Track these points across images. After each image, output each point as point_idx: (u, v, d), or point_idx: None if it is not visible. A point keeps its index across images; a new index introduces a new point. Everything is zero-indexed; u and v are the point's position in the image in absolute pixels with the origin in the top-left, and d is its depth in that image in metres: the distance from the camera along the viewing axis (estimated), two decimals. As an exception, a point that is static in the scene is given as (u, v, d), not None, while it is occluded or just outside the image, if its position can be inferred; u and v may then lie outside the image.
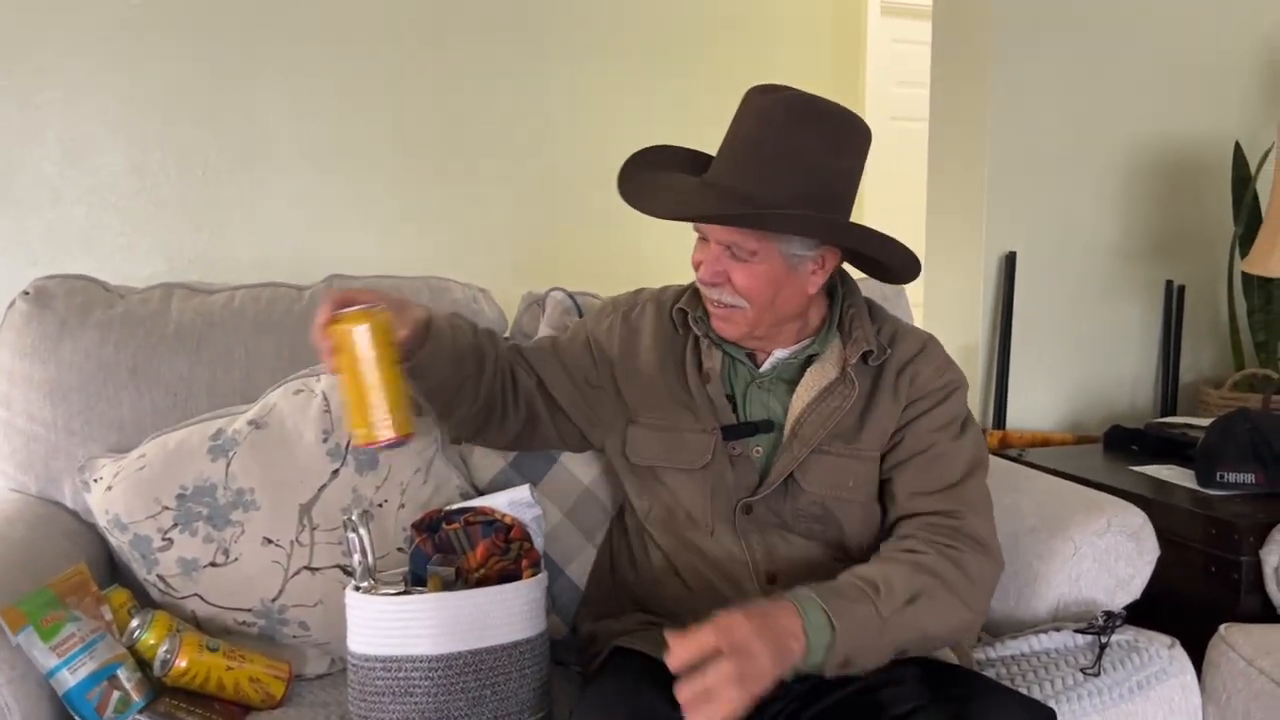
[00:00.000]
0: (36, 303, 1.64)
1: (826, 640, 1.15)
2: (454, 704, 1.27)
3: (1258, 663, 1.53)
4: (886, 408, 1.41)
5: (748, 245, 1.33)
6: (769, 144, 1.31)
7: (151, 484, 1.49)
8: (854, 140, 1.35)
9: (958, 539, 1.33)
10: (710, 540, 1.42)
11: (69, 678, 1.28)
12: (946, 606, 1.27)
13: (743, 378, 1.45)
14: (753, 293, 1.35)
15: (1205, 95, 2.64)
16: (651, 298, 1.55)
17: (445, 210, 3.04)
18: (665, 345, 1.48)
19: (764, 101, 1.33)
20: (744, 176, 1.32)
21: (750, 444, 1.43)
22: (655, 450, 1.46)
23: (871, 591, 1.21)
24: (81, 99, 2.69)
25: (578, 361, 1.52)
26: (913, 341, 1.47)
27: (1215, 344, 2.75)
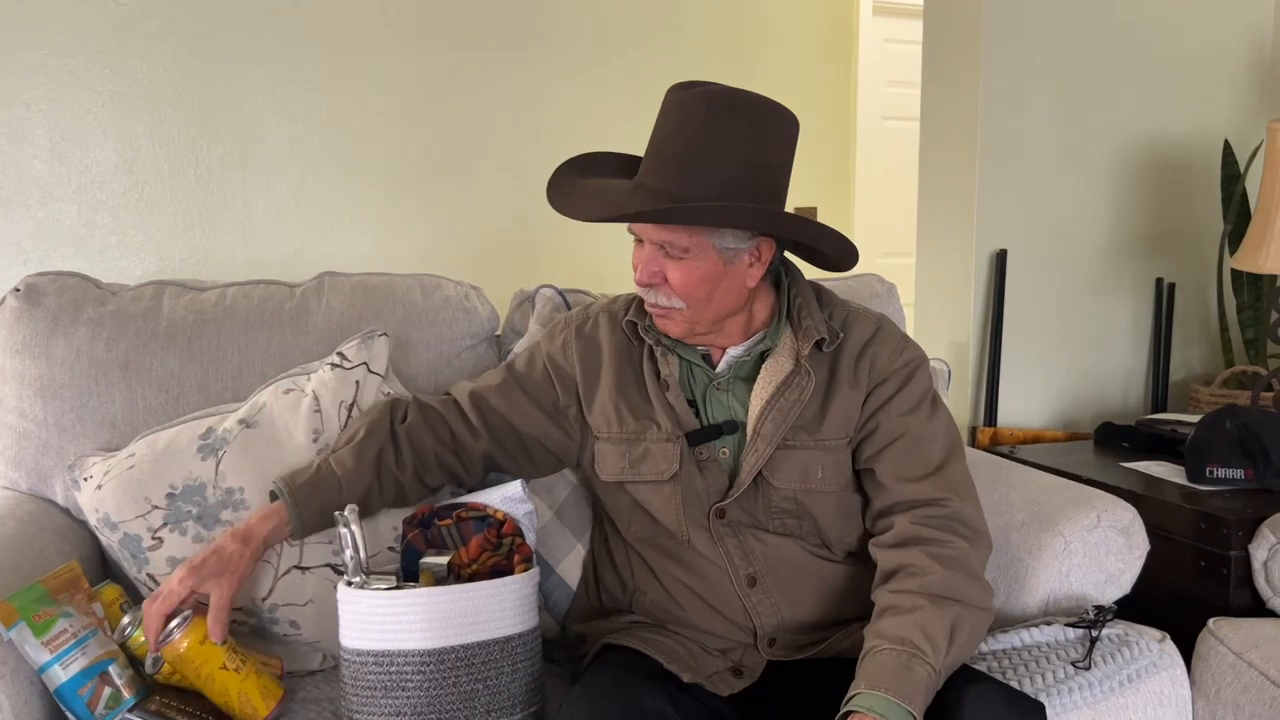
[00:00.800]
0: (27, 300, 1.63)
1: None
2: (446, 698, 1.27)
3: (1246, 656, 1.53)
4: (846, 394, 1.41)
5: (680, 242, 1.32)
6: (690, 140, 1.30)
7: (141, 483, 1.48)
8: (780, 132, 1.33)
9: (952, 528, 1.33)
10: (687, 549, 1.42)
11: (60, 673, 1.27)
12: (975, 622, 1.29)
13: (700, 381, 1.44)
14: (689, 291, 1.34)
15: (1194, 93, 2.65)
16: (603, 309, 1.53)
17: (438, 208, 3.04)
18: (622, 358, 1.47)
19: (683, 98, 1.31)
20: (668, 175, 1.31)
21: (716, 447, 1.42)
22: (621, 465, 1.45)
23: (919, 653, 1.20)
24: (70, 97, 2.68)
25: (540, 388, 1.51)
26: (866, 324, 1.46)
27: (1205, 341, 2.76)
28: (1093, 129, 2.60)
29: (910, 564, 1.30)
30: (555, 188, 1.39)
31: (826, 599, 1.42)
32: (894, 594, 1.29)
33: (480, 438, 1.50)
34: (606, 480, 1.47)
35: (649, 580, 1.46)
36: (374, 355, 1.58)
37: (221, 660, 1.33)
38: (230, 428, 1.52)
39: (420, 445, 1.48)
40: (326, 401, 1.53)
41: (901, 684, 1.17)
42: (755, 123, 1.31)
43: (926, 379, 1.45)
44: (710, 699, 1.33)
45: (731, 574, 1.40)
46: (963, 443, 1.46)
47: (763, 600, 1.40)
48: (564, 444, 1.52)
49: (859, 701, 1.17)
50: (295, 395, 1.55)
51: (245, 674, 1.35)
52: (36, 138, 2.67)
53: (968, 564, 1.32)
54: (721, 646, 1.41)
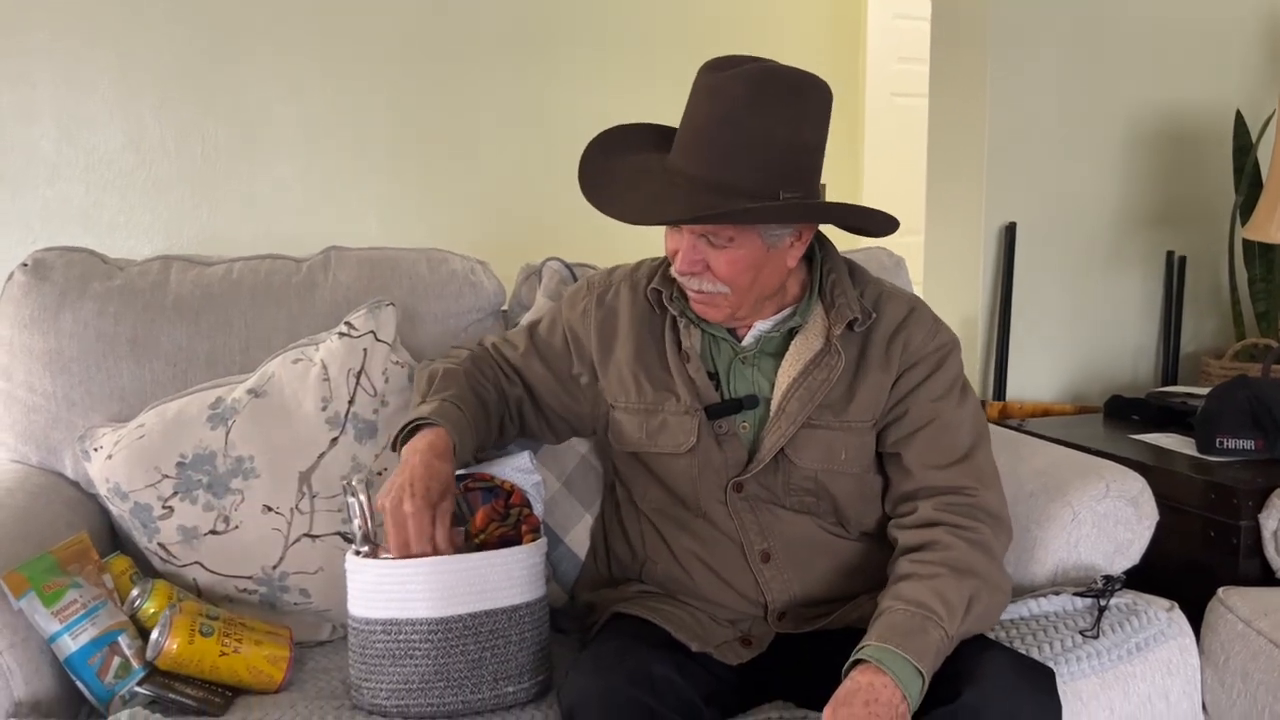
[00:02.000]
0: (35, 274, 1.64)
1: (919, 687, 1.16)
2: (453, 666, 1.27)
3: (1256, 624, 1.53)
4: (876, 376, 1.39)
5: (725, 233, 1.30)
6: (733, 126, 1.26)
7: (151, 452, 1.49)
8: (817, 107, 1.31)
9: (975, 515, 1.33)
10: (702, 521, 1.42)
11: (70, 643, 1.28)
12: (992, 599, 1.29)
13: (725, 354, 1.43)
14: (734, 277, 1.32)
15: (1206, 63, 2.63)
16: (625, 277, 1.51)
17: (444, 184, 3.04)
18: (643, 326, 1.46)
19: (721, 80, 1.27)
20: (710, 164, 1.27)
21: (736, 421, 1.40)
22: (638, 435, 1.44)
23: (934, 616, 1.20)
24: (77, 76, 2.68)
25: (558, 355, 1.51)
26: (899, 305, 1.44)
27: (1216, 314, 2.74)
28: (1102, 101, 2.57)
29: (935, 540, 1.30)
30: (589, 178, 1.35)
31: (839, 575, 1.42)
32: (914, 564, 1.29)
33: (515, 385, 1.51)
34: (623, 450, 1.47)
35: (660, 550, 1.45)
36: (381, 324, 1.58)
37: (217, 649, 1.34)
38: (239, 397, 1.53)
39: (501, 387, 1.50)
40: (334, 370, 1.53)
41: (913, 642, 1.17)
42: (794, 102, 1.28)
43: (958, 365, 1.44)
44: (718, 668, 1.33)
45: (746, 548, 1.40)
46: (988, 431, 1.45)
47: (776, 576, 1.40)
48: (576, 411, 1.52)
49: (868, 652, 1.17)
50: (304, 365, 1.55)
51: (245, 651, 1.36)
52: (44, 117, 2.67)
53: (989, 547, 1.32)
54: (730, 618, 1.41)
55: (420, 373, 1.50)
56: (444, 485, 1.30)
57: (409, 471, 1.28)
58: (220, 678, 1.34)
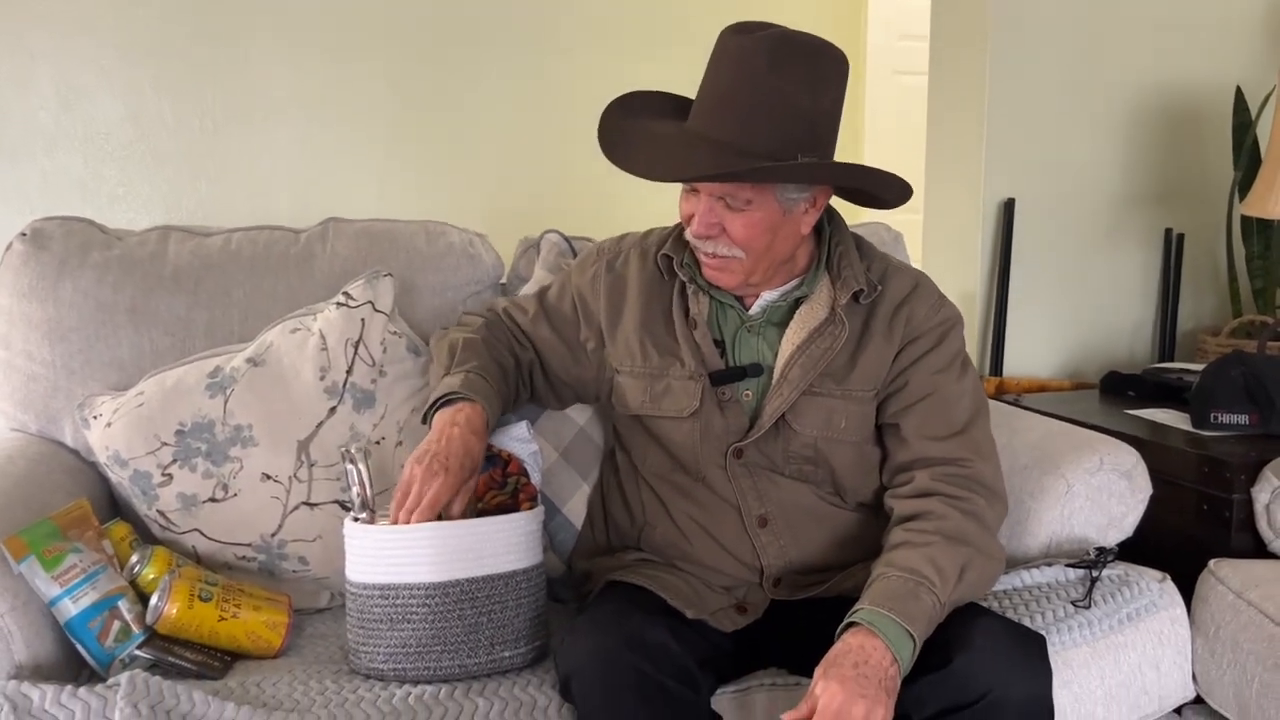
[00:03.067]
0: (34, 243, 1.64)
1: (909, 652, 1.17)
2: (450, 631, 1.28)
3: (1246, 595, 1.54)
4: (879, 347, 1.41)
5: (743, 195, 1.31)
6: (752, 90, 1.28)
7: (150, 420, 1.50)
8: (835, 74, 1.33)
9: (970, 486, 1.34)
10: (701, 486, 1.43)
11: (71, 607, 1.30)
12: (984, 568, 1.31)
13: (732, 322, 1.44)
14: (750, 241, 1.34)
15: (1206, 40, 2.62)
16: (635, 244, 1.53)
17: (443, 157, 3.03)
18: (652, 292, 1.47)
19: (742, 44, 1.29)
20: (731, 127, 1.29)
21: (739, 388, 1.42)
22: (642, 399, 1.45)
23: (926, 581, 1.22)
24: (75, 46, 2.67)
25: (567, 321, 1.52)
26: (905, 279, 1.46)
27: (1214, 292, 2.75)
28: (1103, 77, 2.57)
29: (929, 510, 1.32)
30: (608, 138, 1.37)
31: (835, 544, 1.43)
32: (908, 532, 1.30)
33: (526, 349, 1.53)
34: (626, 413, 1.48)
35: (660, 515, 1.47)
36: (379, 294, 1.59)
37: (216, 614, 1.35)
38: (238, 366, 1.53)
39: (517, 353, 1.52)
40: (333, 339, 1.54)
41: (905, 606, 1.19)
42: (813, 67, 1.30)
43: (960, 340, 1.45)
44: (714, 635, 1.35)
45: (744, 513, 1.41)
46: (988, 406, 1.46)
47: (772, 541, 1.41)
48: (582, 377, 1.53)
49: (860, 615, 1.19)
50: (302, 334, 1.56)
51: (244, 616, 1.37)
52: (42, 87, 2.66)
53: (984, 518, 1.33)
54: (726, 584, 1.42)
55: (438, 343, 1.52)
56: (475, 463, 1.34)
57: (447, 443, 1.31)
58: (219, 643, 1.36)
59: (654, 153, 1.34)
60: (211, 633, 1.35)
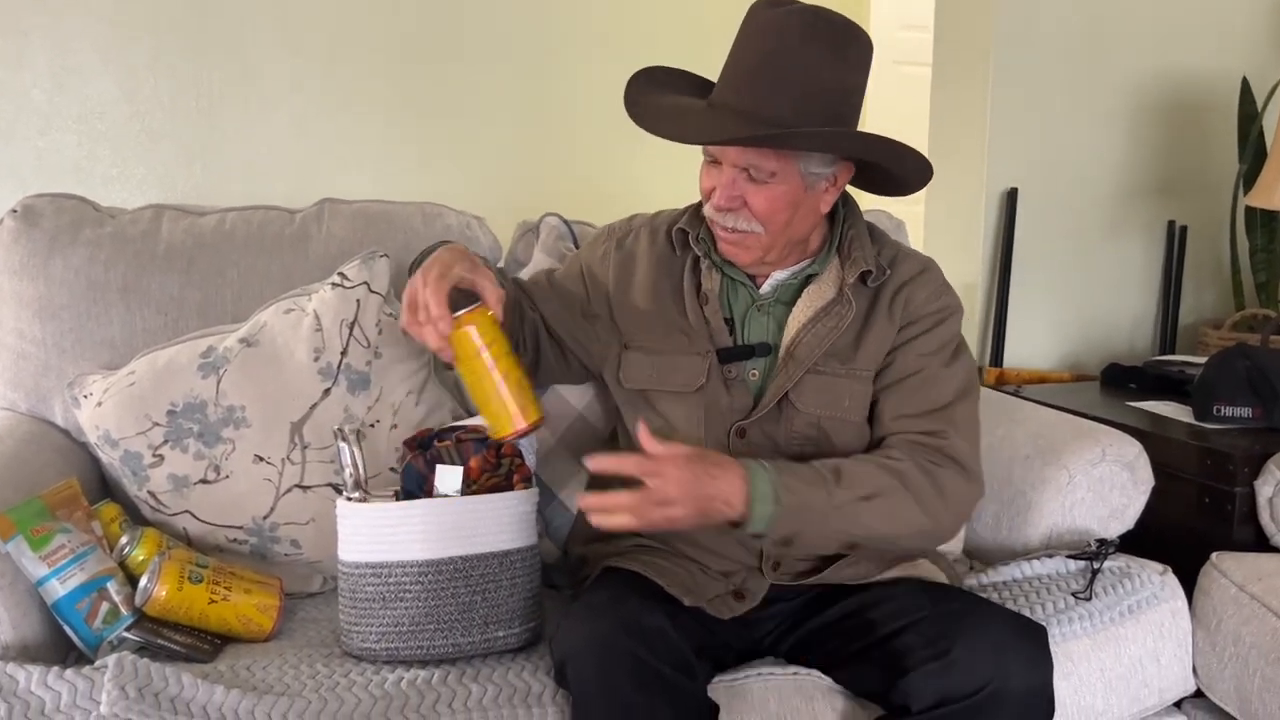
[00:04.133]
0: (25, 220, 1.62)
1: (769, 512, 1.20)
2: (443, 609, 1.27)
3: (1249, 588, 1.53)
4: (883, 327, 1.40)
5: (767, 166, 1.30)
6: (780, 62, 1.28)
7: (142, 400, 1.48)
8: (860, 53, 1.33)
9: (939, 457, 1.33)
10: None
11: (59, 587, 1.28)
12: (902, 510, 1.28)
13: (743, 300, 1.43)
14: (771, 215, 1.33)
15: (1212, 30, 2.60)
16: (645, 223, 1.52)
17: (441, 139, 3.01)
18: (662, 269, 1.46)
19: (774, 16, 1.30)
20: (756, 96, 1.29)
21: (746, 367, 1.41)
22: (648, 374, 1.44)
23: (830, 478, 1.24)
24: (69, 24, 2.64)
25: (575, 293, 1.50)
26: (913, 264, 1.45)
27: (1217, 285, 2.73)
28: (1107, 66, 2.55)
29: (889, 455, 1.33)
30: (636, 105, 1.36)
31: None
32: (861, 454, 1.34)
33: (535, 312, 1.49)
34: (631, 388, 1.46)
35: None
36: (375, 275, 1.57)
37: (206, 597, 1.33)
38: (231, 346, 1.51)
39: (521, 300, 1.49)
40: (327, 320, 1.52)
41: (792, 481, 1.23)
42: (840, 45, 1.30)
43: (955, 329, 1.44)
44: (711, 622, 1.33)
45: None
46: (978, 393, 1.44)
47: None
48: (590, 350, 1.50)
49: (748, 461, 1.23)
50: (296, 314, 1.54)
51: (235, 599, 1.36)
52: (36, 65, 2.64)
53: (941, 483, 1.31)
54: (725, 569, 1.40)
55: None
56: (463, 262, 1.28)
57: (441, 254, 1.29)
58: (209, 625, 1.34)
59: (682, 119, 1.33)
60: (201, 615, 1.33)
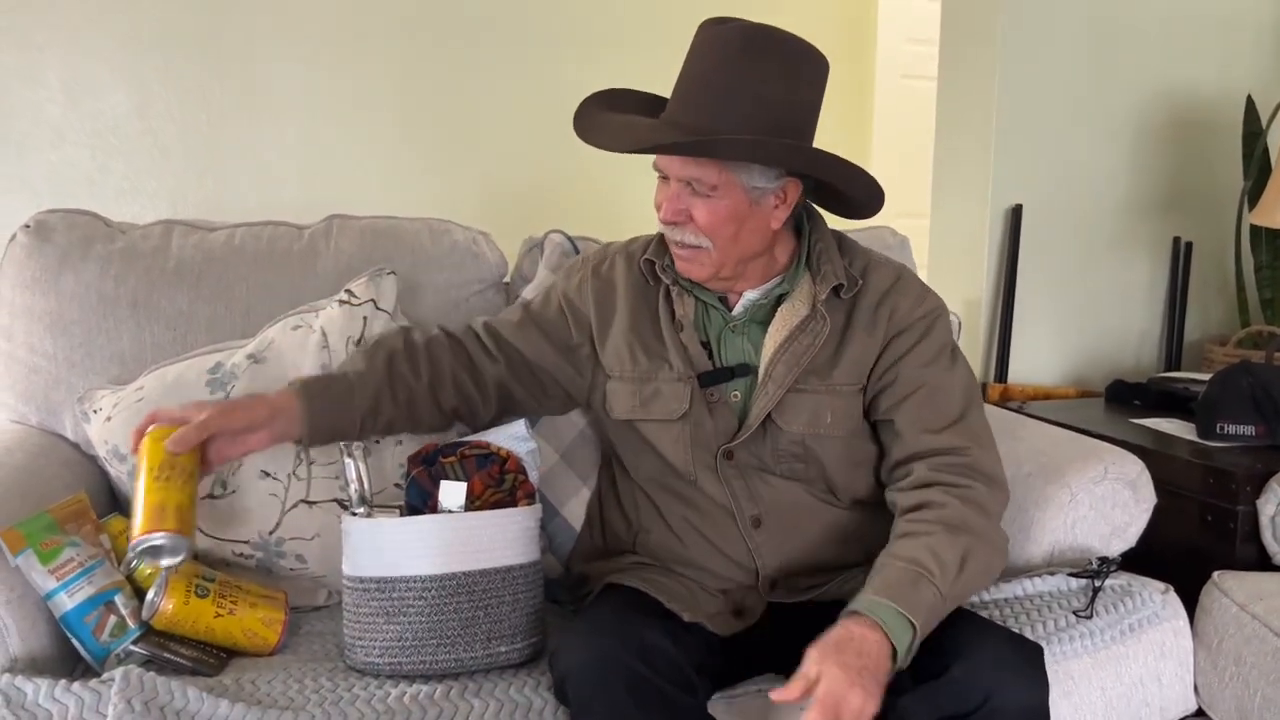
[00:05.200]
0: (37, 235, 1.64)
1: (908, 641, 1.16)
2: (446, 624, 1.28)
3: (1250, 608, 1.53)
4: (862, 341, 1.40)
5: (708, 179, 1.31)
6: (723, 76, 1.29)
7: (150, 415, 1.49)
8: (811, 71, 1.32)
9: (970, 474, 1.33)
10: (694, 489, 1.42)
11: (67, 600, 1.29)
12: (987, 557, 1.29)
13: (716, 323, 1.44)
14: (715, 229, 1.33)
15: (1217, 48, 2.61)
16: (620, 250, 1.53)
17: (449, 153, 3.02)
18: (638, 297, 1.47)
19: (717, 33, 1.31)
20: (699, 111, 1.29)
21: (727, 389, 1.42)
22: (632, 404, 1.45)
23: (927, 572, 1.21)
24: (83, 40, 2.66)
25: (555, 325, 1.51)
26: (886, 273, 1.45)
27: (1222, 302, 2.73)
28: (1112, 84, 2.56)
29: (930, 500, 1.31)
30: (582, 119, 1.38)
31: (830, 543, 1.43)
32: (910, 522, 1.30)
33: (497, 363, 1.49)
34: (617, 418, 1.47)
35: (654, 519, 1.46)
36: (382, 293, 1.58)
37: (212, 610, 1.34)
38: (238, 363, 1.53)
39: (437, 358, 1.47)
40: (334, 337, 1.53)
41: (905, 595, 1.18)
42: (787, 60, 1.30)
43: (946, 329, 1.44)
44: (711, 639, 1.34)
45: (737, 515, 1.40)
46: (980, 394, 1.46)
47: (766, 541, 1.40)
48: (575, 382, 1.52)
49: (861, 604, 1.18)
50: (303, 331, 1.55)
51: (240, 613, 1.37)
52: (50, 81, 2.66)
53: (984, 505, 1.32)
54: (723, 587, 1.42)
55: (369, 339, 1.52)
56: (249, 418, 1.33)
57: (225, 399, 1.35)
58: (215, 639, 1.35)
59: (619, 130, 1.34)
60: (208, 629, 1.34)
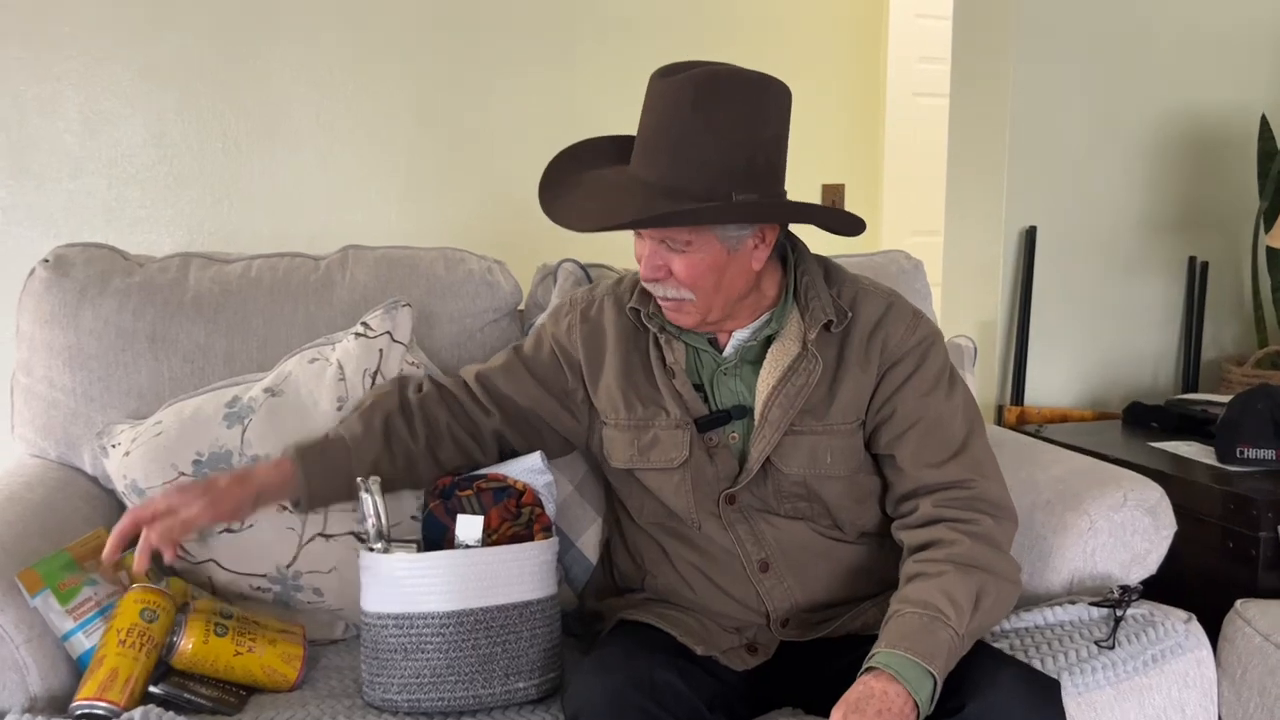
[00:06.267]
0: (56, 270, 1.65)
1: (930, 690, 1.15)
2: (464, 661, 1.28)
3: (1274, 638, 1.52)
4: (856, 377, 1.38)
5: (681, 237, 1.29)
6: (679, 129, 1.25)
7: (168, 450, 1.50)
8: (773, 106, 1.29)
9: (976, 507, 1.32)
10: (699, 534, 1.41)
11: (84, 641, 1.29)
12: (1000, 592, 1.28)
13: (708, 365, 1.42)
14: (696, 282, 1.31)
15: (1231, 66, 2.60)
16: (608, 292, 1.51)
17: (464, 181, 3.03)
18: (628, 342, 1.45)
19: (668, 85, 1.27)
20: (660, 166, 1.27)
21: (725, 432, 1.40)
22: (630, 452, 1.43)
23: (942, 616, 1.20)
24: (100, 71, 2.69)
25: (548, 372, 1.49)
26: (876, 302, 1.42)
27: (1238, 321, 2.72)
28: (1126, 104, 2.55)
29: (938, 538, 1.29)
30: (549, 188, 1.37)
31: (840, 579, 1.41)
32: (920, 563, 1.28)
33: (492, 416, 1.48)
34: (616, 467, 1.46)
35: (661, 563, 1.45)
36: (398, 325, 1.58)
37: (231, 649, 1.34)
38: (256, 396, 1.53)
39: (433, 417, 1.47)
40: (350, 370, 1.54)
41: (922, 644, 1.17)
42: (746, 100, 1.26)
43: (942, 355, 1.42)
44: (724, 673, 1.33)
45: (744, 559, 1.39)
46: (981, 417, 1.44)
47: (776, 585, 1.39)
48: (571, 427, 1.50)
49: (879, 659, 1.17)
50: (320, 364, 1.55)
51: (260, 650, 1.36)
52: (68, 111, 2.69)
53: (994, 538, 1.31)
54: (735, 625, 1.41)
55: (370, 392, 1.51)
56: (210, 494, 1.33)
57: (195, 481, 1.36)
58: (235, 677, 1.35)
59: (588, 203, 1.32)
60: (227, 667, 1.34)
